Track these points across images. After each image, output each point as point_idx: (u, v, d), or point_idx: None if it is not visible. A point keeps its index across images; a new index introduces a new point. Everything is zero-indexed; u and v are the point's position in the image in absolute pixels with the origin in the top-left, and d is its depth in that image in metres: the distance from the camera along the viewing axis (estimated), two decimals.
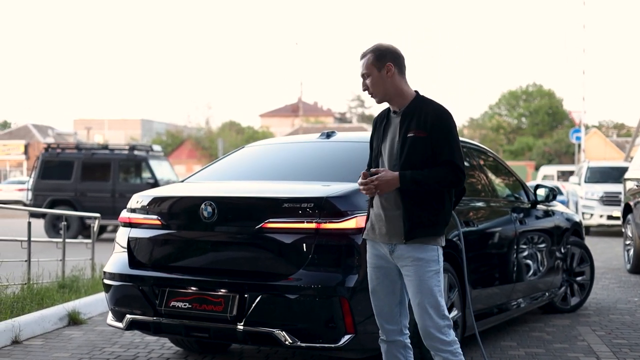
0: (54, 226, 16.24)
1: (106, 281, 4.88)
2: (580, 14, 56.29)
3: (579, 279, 7.32)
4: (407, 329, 3.74)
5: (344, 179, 4.54)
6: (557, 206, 7.12)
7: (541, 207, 6.67)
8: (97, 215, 9.48)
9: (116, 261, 4.86)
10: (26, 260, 7.37)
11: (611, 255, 12.93)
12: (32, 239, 7.52)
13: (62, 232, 8.43)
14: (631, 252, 10.36)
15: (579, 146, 36.95)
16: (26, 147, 55.36)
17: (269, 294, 4.22)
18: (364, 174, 3.52)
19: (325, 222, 4.16)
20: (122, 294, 4.76)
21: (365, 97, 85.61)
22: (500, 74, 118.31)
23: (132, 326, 4.71)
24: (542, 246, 6.46)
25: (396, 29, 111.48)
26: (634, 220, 10.28)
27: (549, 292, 6.67)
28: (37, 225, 13.11)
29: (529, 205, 6.48)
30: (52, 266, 8.09)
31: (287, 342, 4.17)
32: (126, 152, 17.64)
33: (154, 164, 17.42)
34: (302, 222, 4.19)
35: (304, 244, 4.20)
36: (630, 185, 10.83)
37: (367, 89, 3.66)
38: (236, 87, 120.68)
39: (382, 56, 3.60)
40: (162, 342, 5.74)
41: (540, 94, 68.99)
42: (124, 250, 4.83)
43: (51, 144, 18.42)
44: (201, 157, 56.06)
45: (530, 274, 6.19)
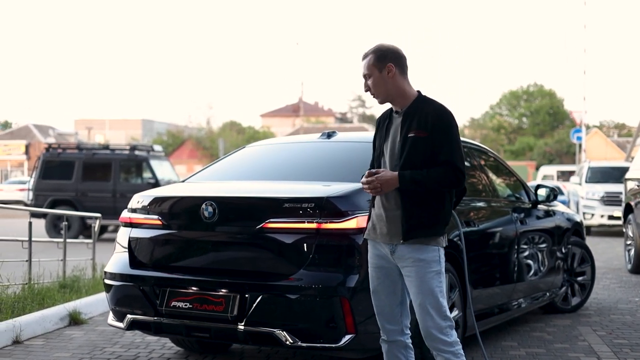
0: (55, 226, 16.23)
1: (107, 281, 4.88)
2: (581, 14, 56.22)
3: (579, 279, 7.32)
4: (408, 329, 3.73)
5: (344, 179, 4.54)
6: (558, 206, 7.12)
7: (542, 207, 6.66)
8: (98, 215, 9.47)
9: (117, 261, 4.86)
10: (27, 260, 7.38)
11: (612, 255, 12.92)
12: (33, 239, 7.52)
13: (63, 232, 8.43)
14: (632, 252, 10.35)
15: (580, 146, 36.95)
16: (27, 147, 55.38)
17: (269, 294, 4.22)
18: (368, 173, 3.53)
19: (325, 222, 4.16)
20: (123, 294, 4.76)
21: (366, 97, 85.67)
22: (501, 74, 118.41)
23: (133, 326, 4.71)
24: (543, 246, 6.46)
25: (396, 29, 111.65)
26: (634, 220, 10.27)
27: (549, 292, 6.67)
28: (38, 225, 13.11)
29: (530, 205, 6.48)
30: (53, 266, 8.09)
31: (287, 342, 4.17)
32: (127, 152, 17.65)
33: (154, 164, 17.43)
34: (303, 222, 4.19)
35: (304, 244, 4.20)
36: (631, 185, 10.82)
37: (369, 89, 3.66)
38: (237, 87, 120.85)
39: (383, 57, 3.59)
40: (163, 342, 5.74)
41: (541, 94, 68.94)
42: (125, 250, 4.83)
43: (52, 144, 18.43)
44: (202, 157, 56.04)
45: (531, 274, 6.19)
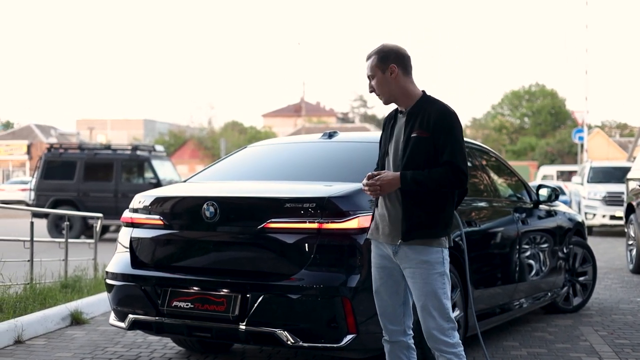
0: (57, 226, 16.27)
1: (108, 281, 4.88)
2: (582, 14, 56.22)
3: (581, 279, 7.31)
4: (410, 330, 3.73)
5: (346, 179, 4.54)
6: (559, 206, 7.11)
7: (543, 207, 6.66)
8: (100, 215, 9.47)
9: (118, 261, 4.86)
10: (29, 260, 7.38)
11: (614, 255, 12.91)
12: (34, 239, 7.52)
13: (64, 232, 8.42)
14: (634, 252, 10.34)
15: (582, 146, 36.95)
16: (29, 147, 55.40)
17: (271, 294, 4.22)
18: (369, 176, 3.53)
19: (327, 222, 4.16)
20: (125, 294, 4.76)
21: (367, 97, 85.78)
22: (502, 74, 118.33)
23: (134, 326, 4.72)
24: (544, 246, 6.45)
25: (397, 29, 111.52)
26: (636, 220, 10.27)
27: (551, 292, 6.66)
28: (40, 225, 13.12)
29: (532, 205, 6.47)
30: (54, 266, 8.09)
31: (289, 342, 4.17)
32: (129, 152, 17.65)
33: (156, 164, 17.43)
34: (305, 222, 4.19)
35: (306, 244, 4.20)
36: (632, 185, 10.82)
37: (374, 90, 3.66)
38: (239, 87, 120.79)
39: (386, 58, 3.59)
40: (165, 342, 5.74)
41: (542, 94, 68.94)
42: (127, 250, 4.83)
43: (54, 144, 18.44)
44: (203, 157, 56.07)
45: (532, 274, 6.18)
